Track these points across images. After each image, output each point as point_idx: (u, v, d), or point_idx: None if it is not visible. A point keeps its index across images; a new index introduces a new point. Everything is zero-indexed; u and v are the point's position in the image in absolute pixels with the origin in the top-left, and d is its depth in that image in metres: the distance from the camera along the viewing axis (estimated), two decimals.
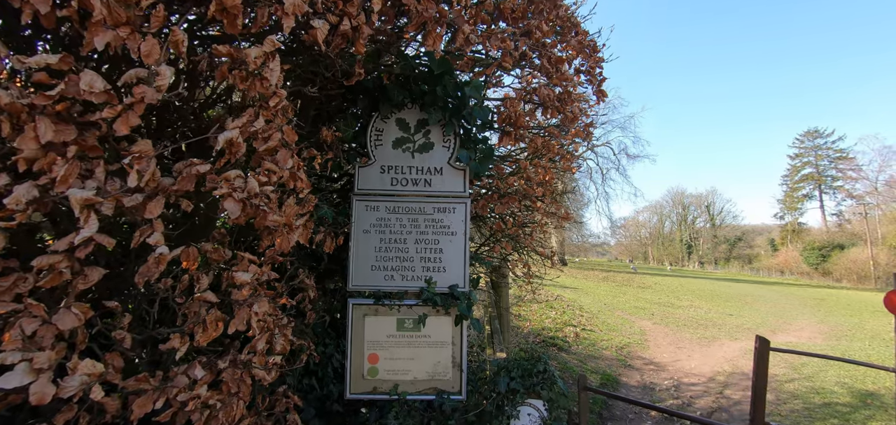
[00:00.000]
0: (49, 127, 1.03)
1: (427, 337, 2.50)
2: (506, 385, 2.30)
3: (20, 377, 0.96)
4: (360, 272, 2.54)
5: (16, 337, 0.99)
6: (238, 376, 1.37)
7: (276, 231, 1.51)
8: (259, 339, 1.51)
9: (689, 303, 17.70)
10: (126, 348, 1.20)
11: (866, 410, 5.80)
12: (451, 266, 2.55)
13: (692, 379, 7.76)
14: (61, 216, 1.48)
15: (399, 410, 2.35)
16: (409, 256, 2.55)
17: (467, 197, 2.61)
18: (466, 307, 2.45)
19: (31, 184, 1.02)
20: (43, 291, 1.13)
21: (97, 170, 1.12)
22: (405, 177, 2.61)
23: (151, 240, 1.15)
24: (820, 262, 41.64)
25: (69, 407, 1.15)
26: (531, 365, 2.36)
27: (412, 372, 2.48)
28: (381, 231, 2.57)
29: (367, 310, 2.52)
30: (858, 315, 16.67)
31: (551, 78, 2.82)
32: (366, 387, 2.50)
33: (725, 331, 11.84)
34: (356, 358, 2.50)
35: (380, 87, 2.57)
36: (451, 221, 2.58)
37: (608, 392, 2.55)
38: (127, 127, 1.11)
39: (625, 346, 9.68)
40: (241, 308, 1.35)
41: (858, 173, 43.63)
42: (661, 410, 2.26)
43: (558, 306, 13.04)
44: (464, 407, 2.41)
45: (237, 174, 1.31)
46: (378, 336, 2.50)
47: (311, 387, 3.34)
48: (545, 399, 2.28)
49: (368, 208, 2.59)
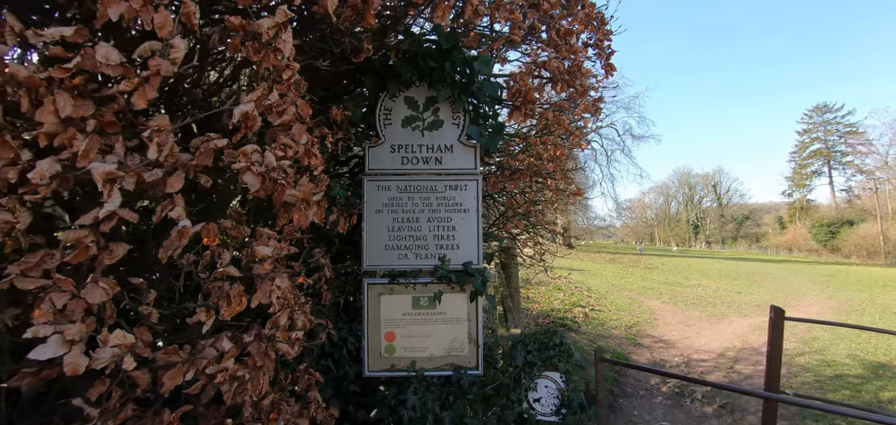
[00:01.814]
0: (68, 101, 1.03)
1: (443, 314, 2.51)
2: (523, 358, 2.31)
3: (53, 348, 0.97)
4: (373, 252, 2.55)
5: (47, 310, 1.00)
6: (263, 350, 1.38)
7: (294, 206, 1.51)
8: (281, 314, 1.52)
9: (697, 283, 17.67)
10: (153, 323, 1.21)
11: (878, 381, 5.79)
12: (464, 243, 2.55)
13: (702, 356, 7.78)
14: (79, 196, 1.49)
15: (418, 386, 2.37)
16: (422, 234, 2.55)
17: (479, 173, 2.59)
18: (481, 283, 2.45)
19: (54, 159, 1.02)
20: (69, 268, 1.14)
21: (116, 145, 1.12)
22: (415, 155, 2.60)
23: (173, 213, 1.15)
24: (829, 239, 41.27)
25: (101, 380, 1.17)
26: (548, 339, 2.36)
27: (429, 349, 2.50)
28: (393, 210, 2.56)
29: (382, 289, 2.53)
30: (868, 290, 16.56)
31: (560, 51, 2.77)
32: (384, 365, 2.52)
33: (734, 309, 11.83)
34: (373, 336, 2.52)
35: (387, 65, 2.54)
36: (463, 198, 2.57)
37: (625, 362, 2.55)
38: (144, 100, 1.11)
39: (634, 325, 9.71)
40: (263, 282, 1.35)
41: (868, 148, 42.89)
42: (679, 377, 2.26)
43: (566, 287, 13.06)
44: (481, 382, 2.43)
45: (254, 148, 1.31)
46: (394, 314, 2.52)
47: (327, 368, 3.39)
48: (562, 371, 2.29)
49: (380, 188, 2.58)
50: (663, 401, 6.28)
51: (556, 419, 2.29)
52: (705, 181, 60.16)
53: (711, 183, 59.42)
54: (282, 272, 1.50)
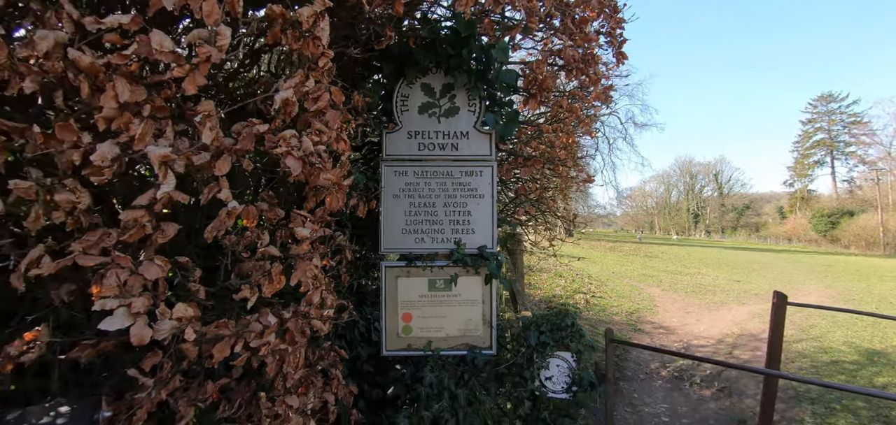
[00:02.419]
0: (126, 87, 1.08)
1: (458, 296, 2.59)
2: (536, 338, 2.40)
3: (121, 320, 1.04)
4: (391, 236, 2.62)
5: (112, 285, 1.07)
6: (300, 326, 1.46)
7: (327, 190, 1.57)
8: (314, 293, 1.59)
9: (697, 271, 17.85)
10: (201, 298, 1.29)
11: (873, 367, 5.94)
12: (479, 227, 2.62)
13: (701, 342, 7.95)
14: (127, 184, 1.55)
15: (433, 364, 2.46)
16: (438, 219, 2.61)
17: (494, 160, 2.64)
18: (496, 266, 2.53)
19: (113, 142, 1.08)
20: (123, 246, 1.21)
21: (167, 130, 1.18)
22: (432, 142, 2.65)
23: (221, 195, 1.21)
24: (828, 229, 41.42)
25: (155, 352, 1.25)
26: (560, 320, 2.45)
27: (445, 330, 2.59)
28: (410, 195, 2.63)
29: (399, 271, 2.61)
30: (866, 280, 16.73)
31: (574, 39, 2.79)
32: (401, 345, 2.61)
33: (733, 297, 11.99)
34: (390, 317, 2.61)
35: (405, 52, 2.57)
36: (478, 184, 2.63)
37: (635, 343, 2.65)
38: (194, 86, 1.16)
39: (634, 312, 9.87)
40: (301, 262, 1.42)
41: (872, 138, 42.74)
42: (687, 356, 2.34)
43: (568, 274, 13.22)
44: (495, 361, 2.52)
45: (292, 133, 1.36)
46: (411, 296, 2.60)
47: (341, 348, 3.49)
48: (573, 351, 2.39)
49: (397, 173, 2.64)
50: (663, 385, 6.44)
51: (568, 396, 2.39)
52: (707, 170, 60.09)
53: (713, 172, 59.35)
54: (317, 251, 1.57)
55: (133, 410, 1.21)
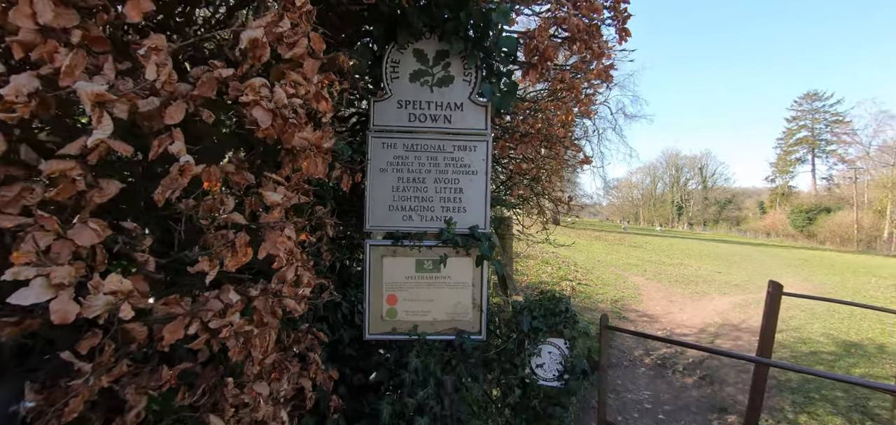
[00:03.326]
0: (47, 5, 0.87)
1: (447, 278, 2.44)
2: (529, 324, 2.28)
3: (37, 292, 0.86)
4: (377, 212, 2.44)
5: (28, 250, 0.87)
6: (270, 305, 1.29)
7: (303, 152, 1.38)
8: (288, 269, 1.42)
9: (680, 262, 18.15)
10: (149, 271, 1.10)
11: (850, 359, 6.09)
12: (471, 206, 2.46)
13: (684, 330, 8.05)
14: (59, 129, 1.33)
15: (419, 349, 2.33)
16: (428, 196, 2.45)
17: (489, 134, 2.47)
18: (488, 248, 2.38)
19: (32, 74, 0.87)
20: (54, 206, 1.01)
21: (105, 66, 0.97)
22: (423, 112, 2.46)
23: (173, 148, 1.02)
24: (806, 225, 42.70)
25: (93, 332, 1.06)
26: (553, 306, 2.33)
27: (432, 313, 2.45)
28: (398, 169, 2.44)
29: (384, 250, 2.44)
30: (840, 274, 17.26)
31: (580, 8, 2.61)
32: (385, 328, 2.46)
33: (715, 287, 12.21)
34: (374, 299, 2.45)
35: (397, 14, 2.35)
36: (471, 160, 2.46)
37: (629, 330, 2.55)
38: (138, 12, 0.95)
39: (619, 300, 9.94)
40: (271, 231, 1.24)
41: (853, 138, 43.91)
42: (683, 344, 2.27)
43: (554, 262, 13.25)
44: (484, 347, 2.40)
45: (262, 82, 1.16)
46: (396, 277, 2.44)
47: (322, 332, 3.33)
48: (567, 338, 2.28)
49: (385, 145, 2.45)
50: (646, 372, 6.49)
51: (559, 384, 2.29)
52: (692, 163, 61.03)
53: (698, 165, 60.33)
54: (291, 221, 1.39)
55: (67, 399, 1.03)
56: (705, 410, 5.34)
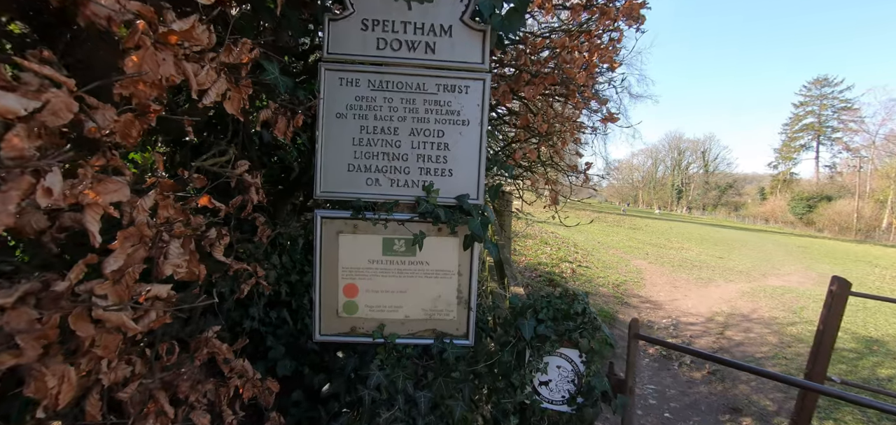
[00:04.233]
0: None
1: (424, 263, 1.83)
2: (532, 330, 1.69)
3: None
4: (332, 173, 1.80)
5: None
6: (51, 323, 0.66)
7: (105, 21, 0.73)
8: (119, 255, 0.79)
9: (680, 245, 17.70)
10: None
11: (873, 357, 5.61)
12: (460, 168, 1.82)
13: (690, 319, 7.56)
14: None
15: (386, 357, 1.73)
16: (401, 153, 1.80)
17: (486, 71, 1.81)
18: (480, 225, 1.76)
19: None
20: None
21: None
22: (397, 37, 1.79)
23: None
24: (805, 212, 42.34)
25: None
26: (566, 306, 1.73)
27: (403, 309, 1.85)
28: (362, 116, 1.79)
29: (341, 225, 1.81)
30: (841, 263, 16.88)
31: None
32: (341, 327, 1.86)
33: (719, 273, 11.73)
34: (327, 289, 1.84)
35: None
36: (462, 105, 1.81)
37: (667, 342, 1.98)
38: None
39: (621, 284, 9.44)
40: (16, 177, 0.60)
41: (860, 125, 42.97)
42: (725, 363, 1.73)
43: (553, 242, 12.70)
44: (472, 355, 1.81)
45: None
46: (357, 261, 1.82)
47: (281, 321, 2.74)
48: (584, 349, 1.69)
49: (344, 82, 1.78)
50: (650, 363, 6.02)
51: (570, 409, 1.72)
52: (695, 147, 60.10)
53: (701, 149, 59.44)
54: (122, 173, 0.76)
55: None
56: (716, 410, 4.88)
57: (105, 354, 0.84)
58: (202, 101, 1.12)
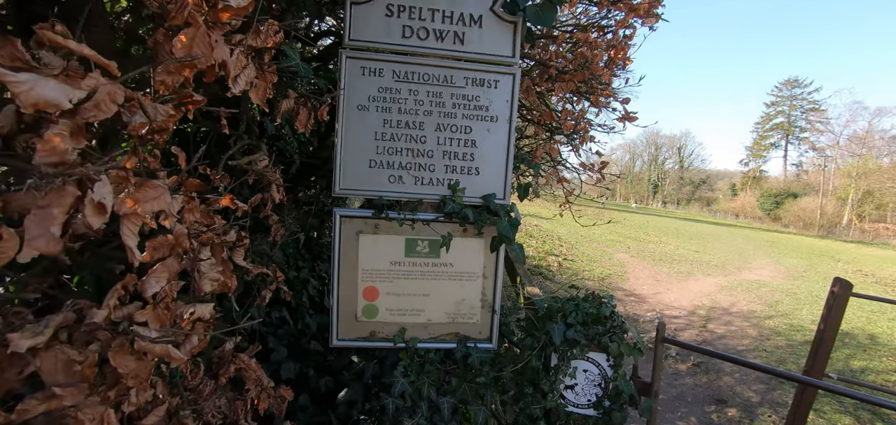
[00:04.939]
0: None
1: (448, 265, 1.75)
2: (562, 334, 1.65)
3: None
4: (352, 169, 1.69)
5: None
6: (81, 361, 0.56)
7: None
8: (154, 275, 0.68)
9: (658, 239, 18.20)
10: None
11: (846, 349, 5.91)
12: (487, 167, 1.74)
13: (673, 312, 7.79)
14: None
15: (409, 363, 1.66)
16: (426, 149, 1.71)
17: (517, 66, 1.73)
18: (508, 227, 1.70)
19: None
20: None
21: None
22: (424, 26, 1.68)
23: None
24: (773, 208, 44.33)
25: None
26: (596, 310, 1.70)
27: (425, 313, 1.77)
28: (385, 108, 1.68)
29: (362, 225, 1.71)
30: (808, 257, 17.75)
31: None
32: (360, 332, 1.77)
33: (698, 267, 12.13)
34: (346, 292, 1.73)
35: None
36: (490, 100, 1.72)
37: (691, 344, 1.97)
38: None
39: (606, 277, 9.63)
40: (54, 191, 0.49)
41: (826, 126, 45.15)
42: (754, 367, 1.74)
43: (538, 235, 12.83)
44: (497, 361, 1.75)
45: None
46: (378, 262, 1.73)
47: (281, 321, 2.61)
48: (613, 354, 1.66)
49: (366, 72, 1.67)
50: None
51: (596, 413, 1.70)
52: (671, 143, 61.81)
53: (677, 145, 61.20)
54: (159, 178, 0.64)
55: None
56: (702, 401, 5.03)
57: (136, 384, 0.74)
58: (232, 90, 1.00)
